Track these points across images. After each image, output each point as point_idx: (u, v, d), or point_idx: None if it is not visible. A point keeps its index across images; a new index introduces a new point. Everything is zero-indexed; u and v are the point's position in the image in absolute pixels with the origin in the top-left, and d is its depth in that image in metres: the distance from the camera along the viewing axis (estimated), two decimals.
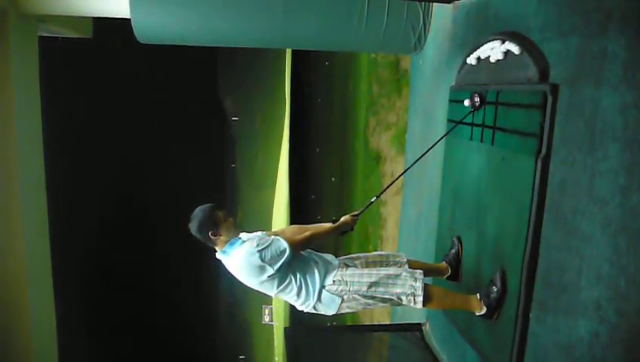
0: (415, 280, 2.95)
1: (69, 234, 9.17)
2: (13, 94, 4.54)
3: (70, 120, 11.29)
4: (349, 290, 2.95)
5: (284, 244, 2.85)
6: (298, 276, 2.95)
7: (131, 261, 15.45)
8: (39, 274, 5.16)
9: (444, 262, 3.58)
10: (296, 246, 2.92)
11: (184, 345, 16.97)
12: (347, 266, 3.08)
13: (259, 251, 2.82)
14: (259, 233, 3.10)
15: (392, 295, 2.96)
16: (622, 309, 2.03)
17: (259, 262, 2.82)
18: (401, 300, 2.97)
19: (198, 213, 2.96)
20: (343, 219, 3.15)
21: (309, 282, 2.96)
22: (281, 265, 2.85)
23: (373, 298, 2.98)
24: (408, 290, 2.94)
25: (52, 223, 5.32)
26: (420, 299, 2.94)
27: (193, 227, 2.94)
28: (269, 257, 2.83)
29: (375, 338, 4.83)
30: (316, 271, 2.97)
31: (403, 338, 4.47)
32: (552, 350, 2.47)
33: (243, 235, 3.06)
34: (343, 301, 2.97)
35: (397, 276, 2.96)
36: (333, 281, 2.96)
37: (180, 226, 3.11)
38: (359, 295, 2.96)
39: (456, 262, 3.53)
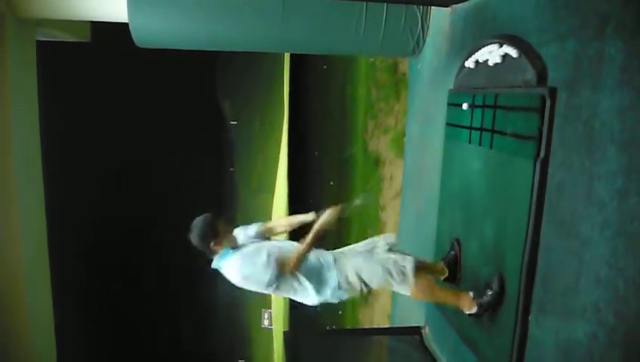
0: (404, 259, 3.04)
1: (67, 237, 9.15)
2: (10, 98, 4.54)
3: (68, 123, 11.28)
4: (346, 277, 3.01)
5: (268, 277, 2.87)
6: (295, 281, 2.98)
7: (130, 265, 15.41)
8: (37, 277, 5.16)
9: (442, 263, 3.59)
10: (292, 267, 2.95)
11: (183, 348, 16.91)
12: (340, 258, 3.12)
13: (243, 278, 2.90)
14: (254, 227, 3.13)
15: (384, 268, 3.01)
16: (620, 311, 2.03)
17: (245, 283, 2.91)
18: (391, 274, 3.00)
19: (199, 223, 2.95)
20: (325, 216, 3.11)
21: (306, 283, 2.99)
22: (268, 283, 2.90)
23: (363, 279, 3.02)
24: (400, 261, 3.02)
25: (50, 227, 5.32)
26: (410, 269, 2.99)
27: (194, 237, 2.94)
28: (254, 282, 2.91)
29: (374, 341, 4.83)
30: (314, 272, 3.00)
31: (402, 341, 4.46)
32: (551, 352, 2.47)
33: (238, 232, 3.08)
34: (340, 287, 3.01)
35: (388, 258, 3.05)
36: (332, 275, 3.01)
37: (178, 230, 3.10)
38: (355, 277, 3.01)
39: (454, 264, 3.53)
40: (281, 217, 3.40)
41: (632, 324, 1.99)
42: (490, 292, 2.91)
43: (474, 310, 3.01)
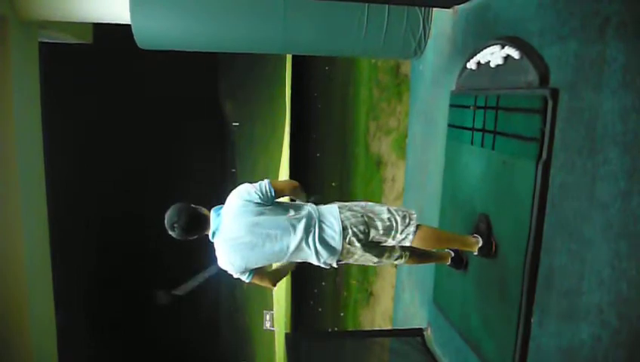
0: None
1: (69, 238, 9.16)
2: (13, 99, 4.55)
3: (70, 125, 11.30)
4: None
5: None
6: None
7: (132, 266, 15.43)
8: (39, 277, 5.16)
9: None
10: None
11: (185, 351, 16.92)
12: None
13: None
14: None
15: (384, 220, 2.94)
16: (623, 313, 2.03)
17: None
18: (397, 221, 2.92)
19: (182, 215, 2.84)
20: None
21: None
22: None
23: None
24: (401, 213, 2.97)
25: (52, 227, 5.33)
26: (415, 217, 2.96)
27: (180, 231, 2.84)
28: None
29: (376, 343, 4.81)
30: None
31: (404, 343, 4.45)
32: (554, 354, 2.46)
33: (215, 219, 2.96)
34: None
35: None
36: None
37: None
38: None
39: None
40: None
41: (635, 326, 1.98)
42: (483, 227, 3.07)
43: (480, 243, 3.06)
